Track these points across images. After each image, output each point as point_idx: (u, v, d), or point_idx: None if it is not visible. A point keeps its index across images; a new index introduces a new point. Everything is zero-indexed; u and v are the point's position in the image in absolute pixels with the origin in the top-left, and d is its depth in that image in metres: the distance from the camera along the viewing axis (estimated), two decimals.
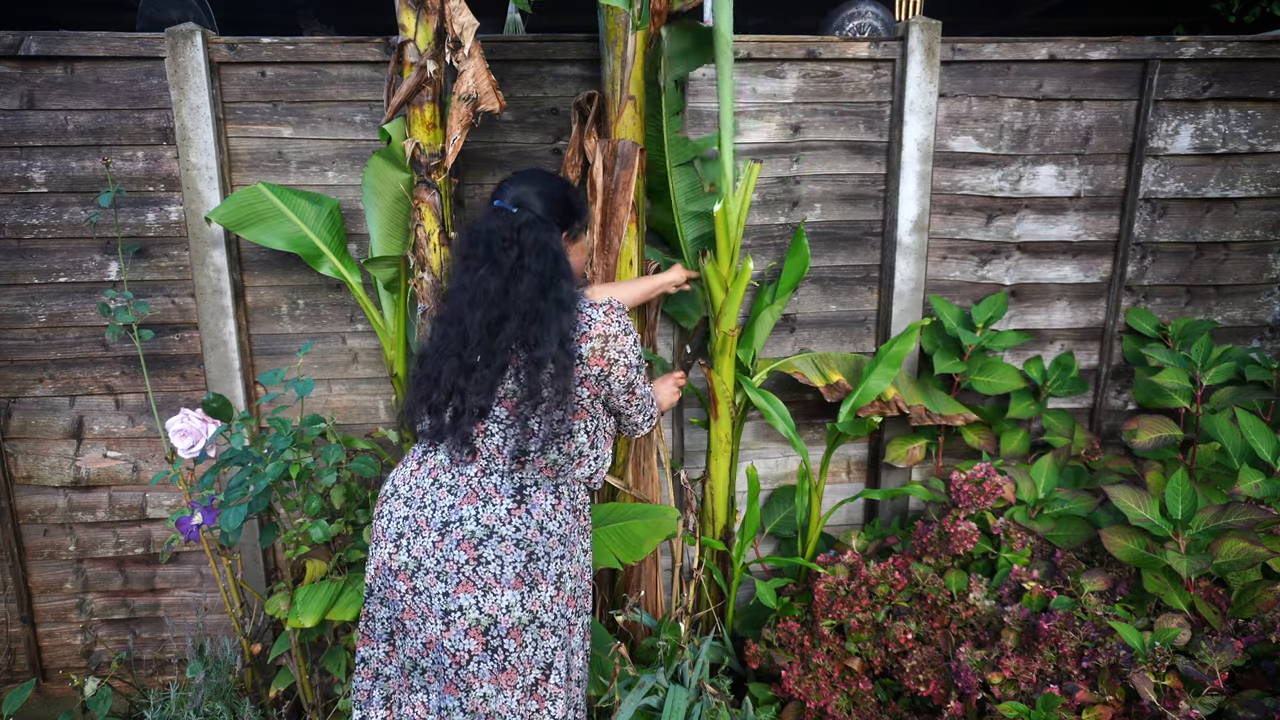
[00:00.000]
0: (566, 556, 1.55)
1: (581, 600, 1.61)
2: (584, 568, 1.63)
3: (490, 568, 1.47)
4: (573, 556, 1.57)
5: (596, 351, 1.49)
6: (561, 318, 1.47)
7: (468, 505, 1.51)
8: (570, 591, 1.56)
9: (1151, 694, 1.62)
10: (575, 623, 1.59)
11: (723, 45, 1.94)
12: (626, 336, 1.54)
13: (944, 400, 2.49)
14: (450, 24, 1.96)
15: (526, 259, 1.49)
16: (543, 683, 1.51)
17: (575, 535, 1.59)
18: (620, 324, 1.53)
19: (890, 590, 2.12)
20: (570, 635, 1.57)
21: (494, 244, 1.51)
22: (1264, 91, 2.52)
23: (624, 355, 1.54)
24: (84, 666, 2.63)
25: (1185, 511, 1.88)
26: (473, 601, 1.47)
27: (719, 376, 2.27)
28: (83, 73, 2.27)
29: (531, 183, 1.57)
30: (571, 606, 1.57)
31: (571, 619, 1.57)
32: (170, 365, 2.46)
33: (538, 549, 1.50)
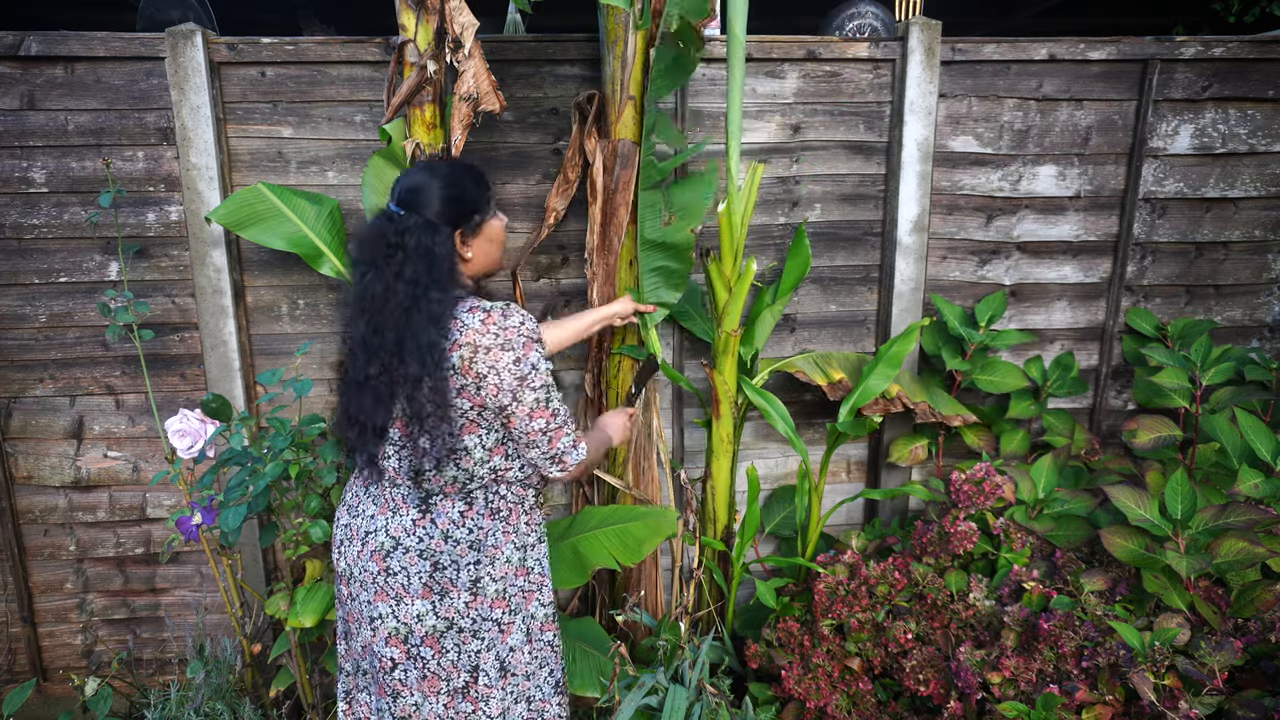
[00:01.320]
0: (483, 561, 1.50)
1: (518, 598, 1.56)
2: (517, 567, 1.56)
3: (398, 578, 1.49)
4: (494, 559, 1.52)
5: (465, 361, 1.39)
6: (430, 329, 1.38)
7: (381, 516, 1.52)
8: (495, 594, 1.52)
9: (1151, 694, 1.62)
10: (510, 621, 1.54)
11: (735, 47, 1.94)
12: (505, 352, 1.39)
13: (946, 399, 2.49)
14: (450, 24, 1.96)
15: (405, 266, 1.40)
16: (473, 685, 1.51)
17: (497, 537, 1.52)
18: (498, 336, 1.39)
19: (890, 590, 2.12)
20: (504, 635, 1.53)
21: (377, 250, 1.43)
22: (1264, 91, 2.52)
23: (496, 372, 1.39)
24: (84, 666, 2.63)
25: (1185, 511, 1.88)
26: (389, 610, 1.50)
27: (721, 376, 2.28)
28: (83, 73, 2.27)
29: (420, 178, 1.46)
30: (500, 607, 1.53)
31: (503, 619, 1.53)
32: (170, 365, 2.46)
33: (443, 558, 1.48)
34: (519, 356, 1.40)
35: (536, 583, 1.60)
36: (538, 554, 1.61)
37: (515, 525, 1.56)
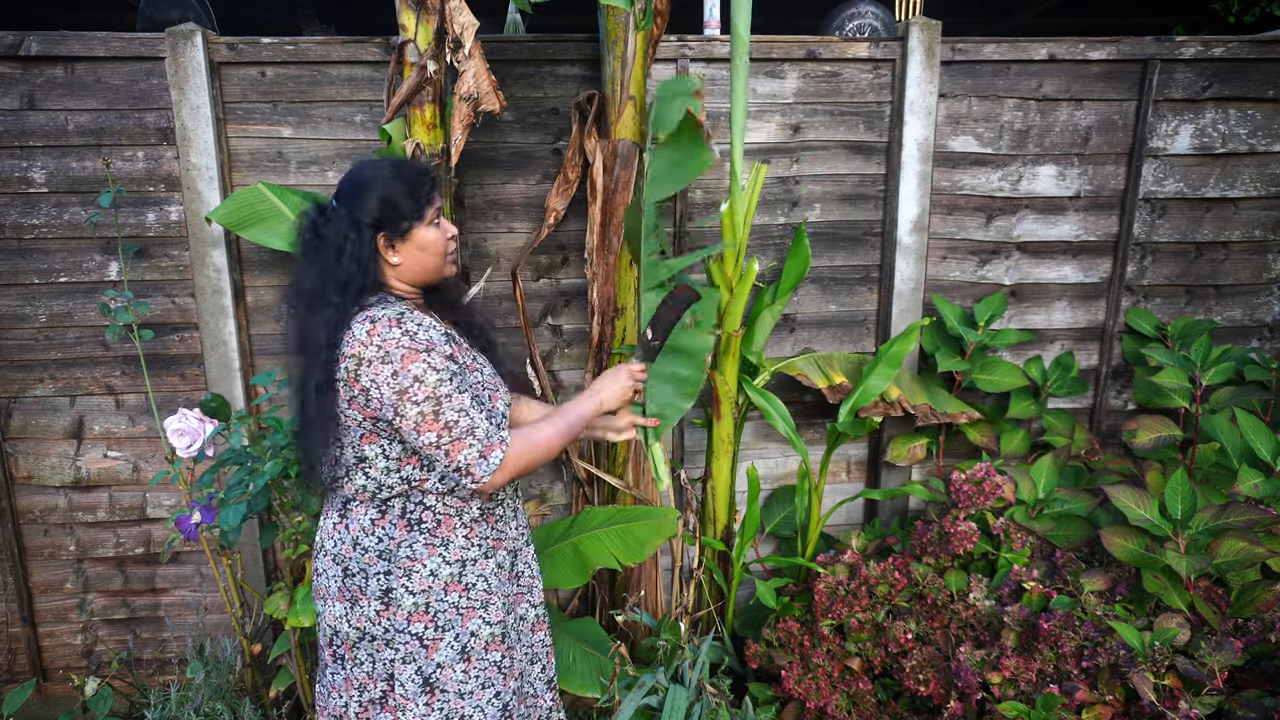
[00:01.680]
0: (395, 572, 1.42)
1: (449, 615, 1.45)
2: (447, 582, 1.45)
3: (321, 580, 1.50)
4: (410, 571, 1.42)
5: (350, 373, 1.33)
6: (320, 332, 1.34)
7: (323, 518, 1.53)
8: (414, 607, 1.43)
9: (1151, 694, 1.62)
10: (438, 637, 1.45)
11: (739, 48, 1.94)
12: (384, 365, 1.31)
13: (946, 399, 2.50)
14: (450, 24, 1.96)
15: (320, 263, 1.38)
16: (390, 694, 1.46)
17: (415, 549, 1.43)
18: (379, 348, 1.31)
19: (890, 590, 2.12)
20: (428, 650, 1.44)
21: (306, 243, 1.42)
22: (1264, 91, 2.52)
23: (376, 385, 1.33)
24: (84, 666, 2.63)
25: (1185, 511, 1.88)
26: (320, 610, 1.51)
27: (722, 377, 2.28)
28: (83, 73, 2.27)
29: (361, 173, 1.42)
30: (422, 621, 1.44)
31: (426, 634, 1.44)
32: (170, 365, 2.46)
33: (351, 565, 1.45)
34: (397, 370, 1.31)
35: (480, 600, 1.48)
36: (483, 569, 1.49)
37: (446, 538, 1.45)
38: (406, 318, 1.35)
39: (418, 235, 1.44)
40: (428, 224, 1.44)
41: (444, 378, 1.34)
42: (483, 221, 2.46)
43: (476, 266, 2.48)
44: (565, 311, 2.55)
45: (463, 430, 1.35)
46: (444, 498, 1.45)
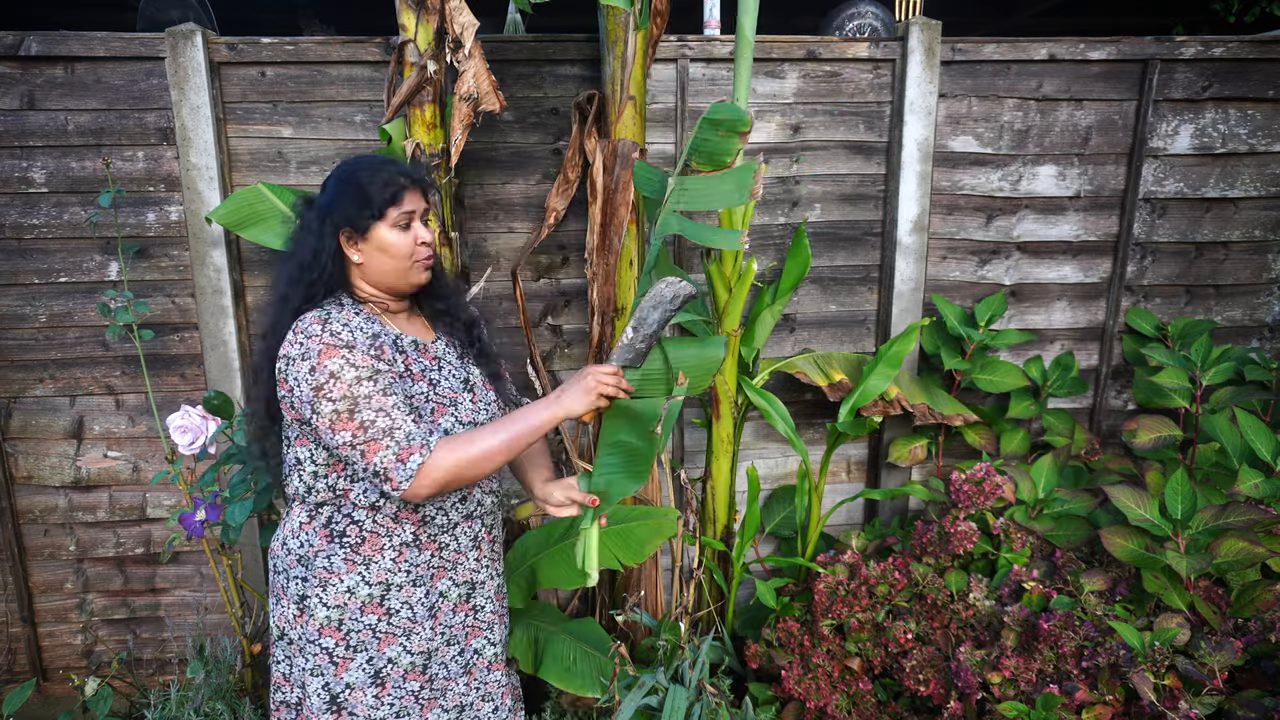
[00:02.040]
0: (311, 580, 1.39)
1: (363, 636, 1.39)
2: (366, 602, 1.38)
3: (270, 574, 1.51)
4: (325, 583, 1.38)
5: (280, 372, 1.32)
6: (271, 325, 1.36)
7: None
8: (325, 620, 1.38)
9: (1151, 694, 1.62)
10: (348, 657, 1.39)
11: (744, 47, 1.94)
12: (304, 362, 1.28)
13: (946, 399, 2.50)
14: (450, 24, 1.96)
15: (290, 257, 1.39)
16: (304, 703, 1.42)
17: (333, 562, 1.38)
18: (301, 345, 1.29)
19: (890, 590, 2.12)
20: (337, 669, 1.39)
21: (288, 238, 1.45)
22: (1264, 91, 2.52)
23: (298, 383, 1.29)
24: (84, 666, 2.63)
25: (1185, 511, 1.88)
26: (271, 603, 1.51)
27: (722, 377, 2.28)
28: (83, 73, 2.27)
29: (340, 167, 1.41)
30: (332, 636, 1.38)
31: (336, 650, 1.39)
32: (170, 365, 2.46)
33: (278, 563, 1.44)
34: (314, 365, 1.27)
35: (403, 627, 1.41)
36: (409, 596, 1.41)
37: (369, 557, 1.38)
38: (334, 317, 1.33)
39: (377, 235, 1.37)
40: (390, 225, 1.37)
41: (362, 375, 1.28)
42: (483, 221, 2.46)
43: (476, 266, 2.48)
44: (565, 311, 2.55)
45: (380, 431, 1.26)
46: (373, 514, 1.38)
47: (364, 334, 1.35)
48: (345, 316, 1.35)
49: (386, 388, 1.30)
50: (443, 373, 1.45)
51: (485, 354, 1.57)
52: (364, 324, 1.38)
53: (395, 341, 1.41)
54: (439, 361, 1.47)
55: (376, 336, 1.37)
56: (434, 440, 1.30)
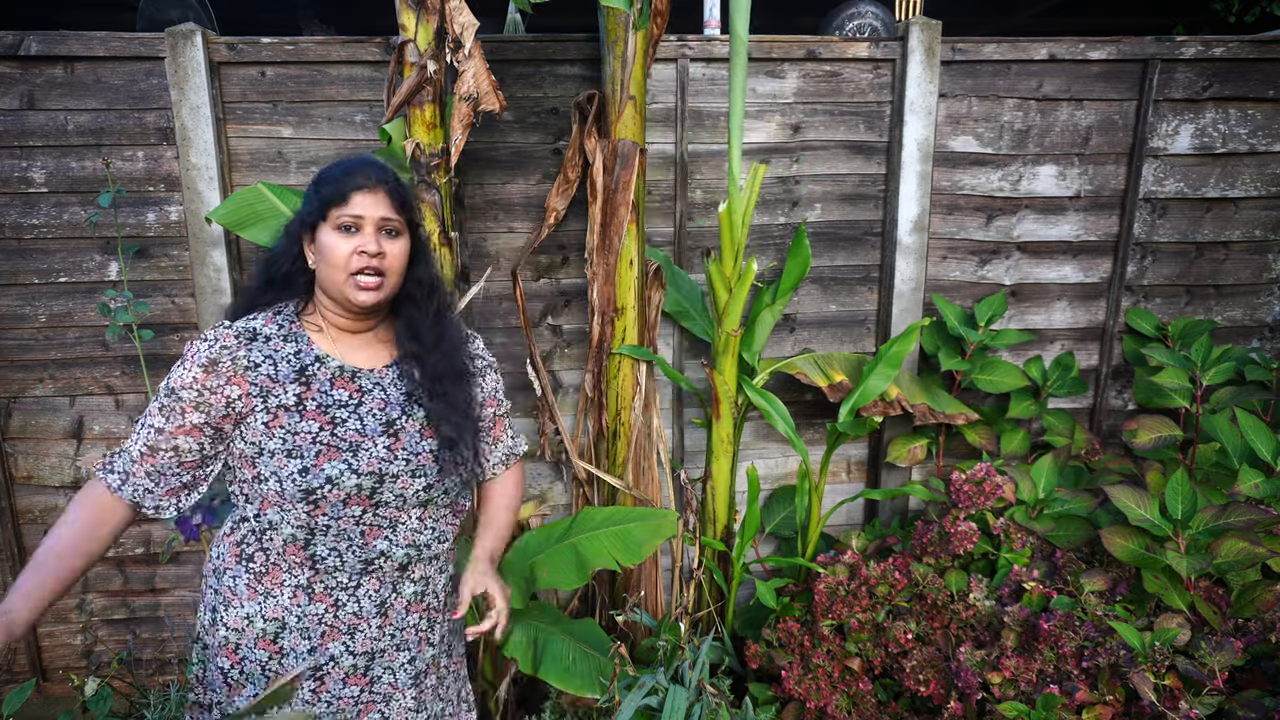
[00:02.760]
0: (220, 592, 1.32)
1: (255, 670, 1.30)
2: (261, 637, 1.29)
3: None
4: (229, 603, 1.31)
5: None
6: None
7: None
8: (224, 641, 1.31)
9: (1151, 694, 1.62)
10: (241, 683, 1.31)
11: (738, 46, 1.94)
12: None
13: (946, 399, 2.49)
14: (450, 24, 1.96)
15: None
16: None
17: (237, 585, 1.31)
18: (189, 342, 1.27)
19: (890, 590, 2.12)
20: (229, 691, 1.31)
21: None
22: (1264, 91, 2.52)
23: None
24: (84, 666, 2.63)
25: (1185, 511, 1.88)
26: None
27: (721, 377, 2.28)
28: (83, 73, 2.27)
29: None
30: (229, 659, 1.31)
31: (230, 673, 1.31)
32: (170, 365, 2.46)
33: (206, 566, 1.38)
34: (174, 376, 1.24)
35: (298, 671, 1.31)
36: (298, 646, 1.31)
37: (268, 590, 1.29)
38: (219, 332, 1.26)
39: (320, 236, 1.26)
40: (332, 226, 1.24)
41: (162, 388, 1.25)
42: (483, 221, 2.46)
43: (476, 266, 2.48)
44: (565, 311, 2.55)
45: (132, 437, 1.27)
46: (280, 545, 1.28)
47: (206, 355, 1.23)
48: (226, 329, 1.26)
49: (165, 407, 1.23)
50: (360, 410, 1.28)
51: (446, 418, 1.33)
52: (286, 349, 1.27)
53: (305, 367, 1.27)
54: (361, 394, 1.30)
55: (267, 360, 1.25)
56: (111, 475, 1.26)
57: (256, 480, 1.27)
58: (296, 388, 1.26)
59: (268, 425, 1.24)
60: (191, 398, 1.22)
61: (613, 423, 2.38)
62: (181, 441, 1.24)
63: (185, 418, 1.23)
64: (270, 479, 1.25)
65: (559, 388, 2.59)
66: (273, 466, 1.24)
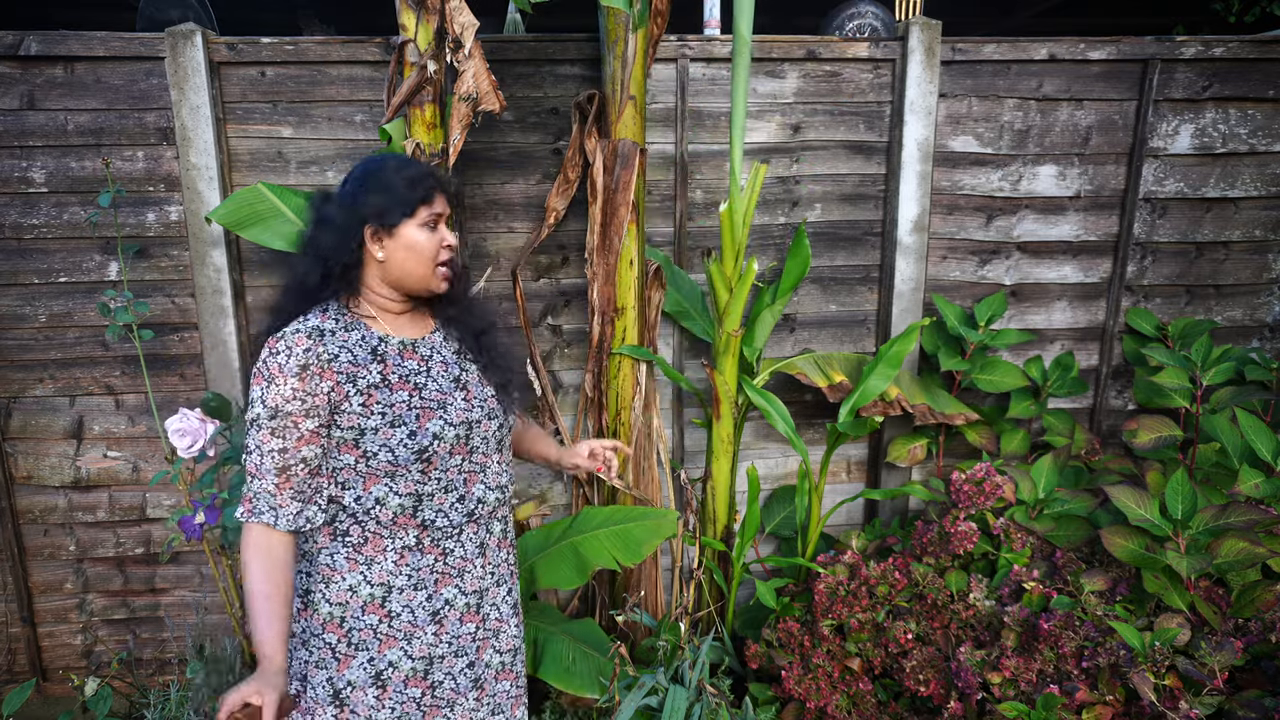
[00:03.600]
0: (314, 575, 1.40)
1: (365, 635, 1.39)
2: (367, 602, 1.39)
3: None
4: (328, 580, 1.39)
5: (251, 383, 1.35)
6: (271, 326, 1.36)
7: None
8: (328, 616, 1.39)
9: (1151, 694, 1.62)
10: (350, 654, 1.39)
11: (741, 47, 1.94)
12: (254, 381, 1.32)
13: (946, 399, 2.49)
14: (450, 24, 1.96)
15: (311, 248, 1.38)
16: (301, 695, 1.43)
17: (335, 560, 1.40)
18: (258, 364, 1.32)
19: (890, 590, 2.12)
20: (340, 664, 1.39)
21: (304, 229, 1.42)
22: (1264, 91, 2.52)
23: (251, 391, 1.33)
24: (84, 666, 2.63)
25: (1185, 511, 1.88)
26: None
27: (722, 377, 2.28)
28: (83, 73, 2.27)
29: (363, 162, 1.41)
30: (335, 632, 1.39)
31: (338, 646, 1.39)
32: (170, 365, 2.46)
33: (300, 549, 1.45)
34: (252, 382, 1.33)
35: (403, 631, 1.41)
36: (410, 600, 1.41)
37: (371, 557, 1.39)
38: (286, 338, 1.31)
39: (405, 232, 1.37)
40: (420, 224, 1.37)
41: (262, 414, 1.30)
42: (483, 221, 2.46)
43: (476, 266, 2.48)
44: (565, 311, 2.55)
45: (250, 467, 1.33)
46: (376, 516, 1.38)
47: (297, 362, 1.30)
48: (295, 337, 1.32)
49: (276, 429, 1.30)
50: (431, 373, 1.42)
51: (495, 365, 1.52)
52: (352, 338, 1.36)
53: (375, 348, 1.37)
54: (427, 361, 1.43)
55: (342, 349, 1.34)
56: (263, 505, 1.31)
57: (363, 460, 1.35)
58: (377, 366, 1.36)
59: (364, 405, 1.34)
60: (299, 408, 1.30)
61: (613, 423, 2.38)
62: (306, 451, 1.32)
63: (300, 428, 1.31)
64: (380, 452, 1.34)
65: (559, 388, 2.59)
66: (380, 440, 1.34)
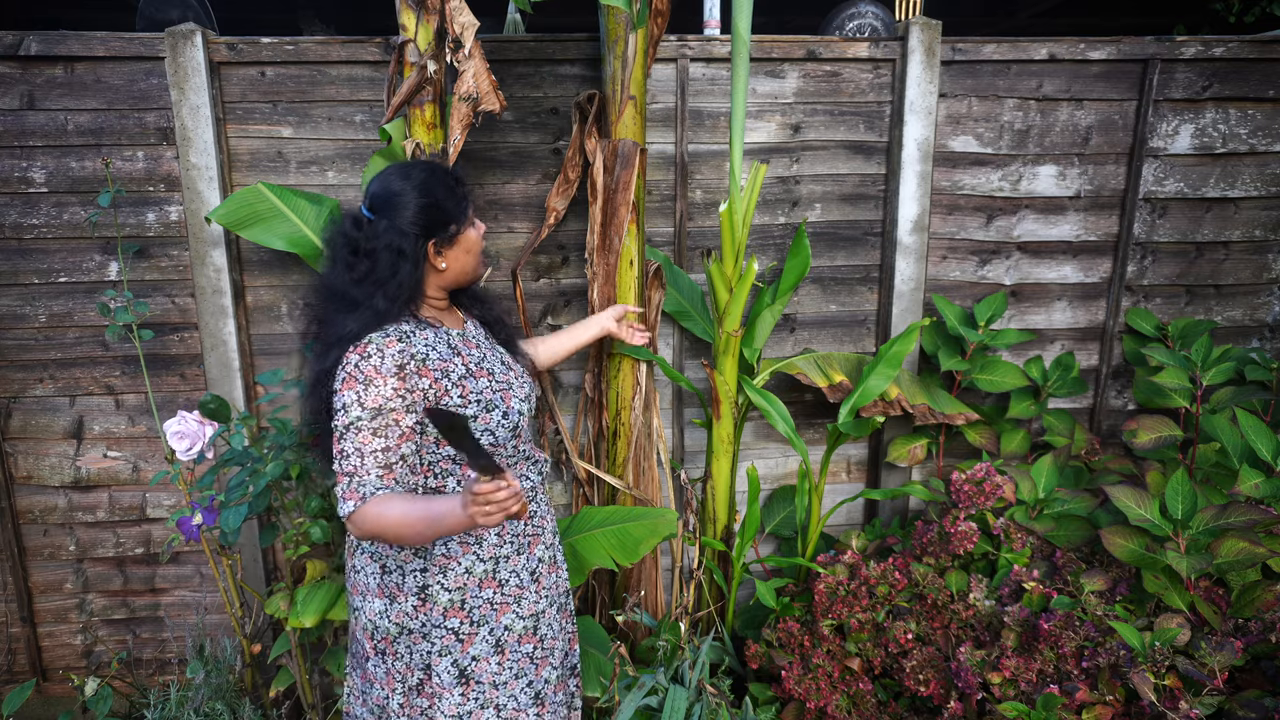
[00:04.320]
0: (430, 569, 1.48)
1: (483, 610, 1.51)
2: (482, 578, 1.51)
3: (359, 576, 1.54)
4: (445, 569, 1.48)
5: (336, 393, 1.39)
6: (350, 328, 1.39)
7: None
8: (449, 603, 1.48)
9: (1151, 694, 1.62)
10: (473, 632, 1.50)
11: (740, 47, 1.94)
12: (341, 383, 1.37)
13: (946, 399, 2.49)
14: (450, 24, 1.96)
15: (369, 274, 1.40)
16: (427, 682, 1.51)
17: (450, 548, 1.49)
18: (346, 369, 1.37)
19: (890, 590, 2.12)
20: (464, 644, 1.50)
21: (340, 251, 1.44)
22: (1264, 91, 2.52)
23: (339, 399, 1.37)
24: (84, 666, 2.63)
25: (1185, 511, 1.88)
26: (360, 604, 1.54)
27: (722, 377, 2.28)
28: (83, 73, 2.27)
29: (394, 183, 1.43)
30: (457, 617, 1.49)
31: (461, 629, 1.50)
32: (170, 365, 2.46)
33: (389, 562, 1.49)
34: (338, 390, 1.38)
35: (513, 595, 1.55)
36: (516, 565, 1.55)
37: (479, 537, 1.50)
38: (374, 345, 1.37)
39: (465, 237, 1.49)
40: (470, 224, 1.50)
41: (364, 416, 1.35)
42: (483, 221, 2.46)
43: None
44: (565, 311, 2.55)
45: (346, 466, 1.37)
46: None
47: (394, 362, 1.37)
48: (383, 347, 1.38)
49: (378, 429, 1.36)
50: (488, 356, 1.55)
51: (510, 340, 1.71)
52: (430, 336, 1.45)
53: (449, 343, 1.48)
54: (481, 348, 1.56)
55: (429, 348, 1.43)
56: (374, 492, 1.36)
57: None
58: (458, 359, 1.47)
59: (462, 396, 1.44)
60: (400, 404, 1.37)
61: (613, 423, 2.38)
62: (406, 449, 1.40)
63: (401, 424, 1.38)
64: (482, 438, 1.46)
65: (559, 388, 2.59)
66: (481, 426, 1.46)
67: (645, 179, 2.29)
